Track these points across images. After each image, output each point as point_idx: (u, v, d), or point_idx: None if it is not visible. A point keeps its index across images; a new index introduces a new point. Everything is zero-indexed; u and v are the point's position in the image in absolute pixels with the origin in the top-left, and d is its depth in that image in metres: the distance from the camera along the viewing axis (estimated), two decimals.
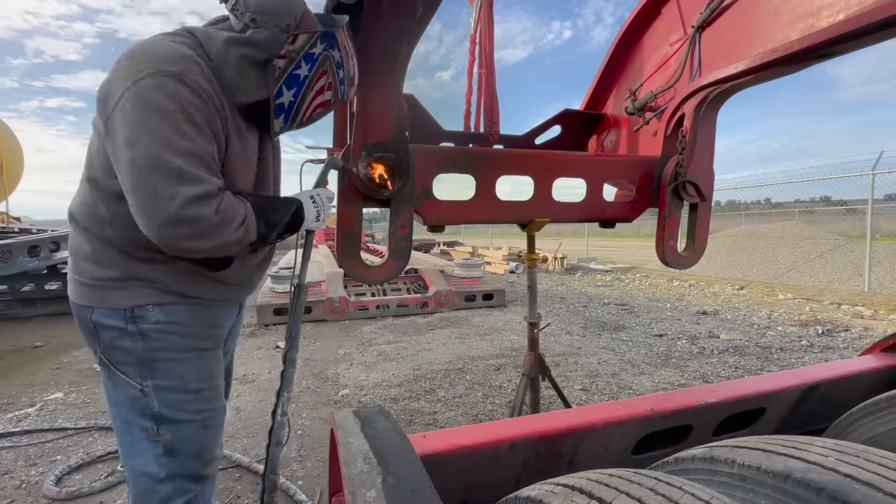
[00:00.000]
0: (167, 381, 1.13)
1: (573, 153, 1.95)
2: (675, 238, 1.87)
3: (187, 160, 0.97)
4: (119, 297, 1.10)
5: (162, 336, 1.12)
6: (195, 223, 0.98)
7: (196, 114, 1.00)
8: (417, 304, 6.22)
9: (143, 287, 1.11)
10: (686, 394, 1.25)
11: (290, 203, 1.23)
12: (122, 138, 0.96)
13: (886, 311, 5.82)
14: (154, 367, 1.12)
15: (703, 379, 3.62)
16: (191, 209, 0.96)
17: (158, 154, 0.94)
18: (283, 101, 1.15)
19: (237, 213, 1.06)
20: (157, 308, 1.12)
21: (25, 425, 2.85)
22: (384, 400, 3.25)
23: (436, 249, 15.46)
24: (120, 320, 1.10)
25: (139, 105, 0.95)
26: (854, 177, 9.13)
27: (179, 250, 1.02)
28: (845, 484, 0.63)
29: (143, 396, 1.12)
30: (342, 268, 1.55)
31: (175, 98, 0.97)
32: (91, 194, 1.10)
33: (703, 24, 1.58)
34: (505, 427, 1.07)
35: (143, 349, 1.11)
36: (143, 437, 1.14)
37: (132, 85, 0.96)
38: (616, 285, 8.91)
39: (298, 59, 1.12)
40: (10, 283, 5.88)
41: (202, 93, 1.02)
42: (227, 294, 1.25)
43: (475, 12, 2.01)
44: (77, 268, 1.14)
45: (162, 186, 0.95)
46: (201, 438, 1.20)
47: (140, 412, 1.13)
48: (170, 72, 0.98)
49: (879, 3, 1.05)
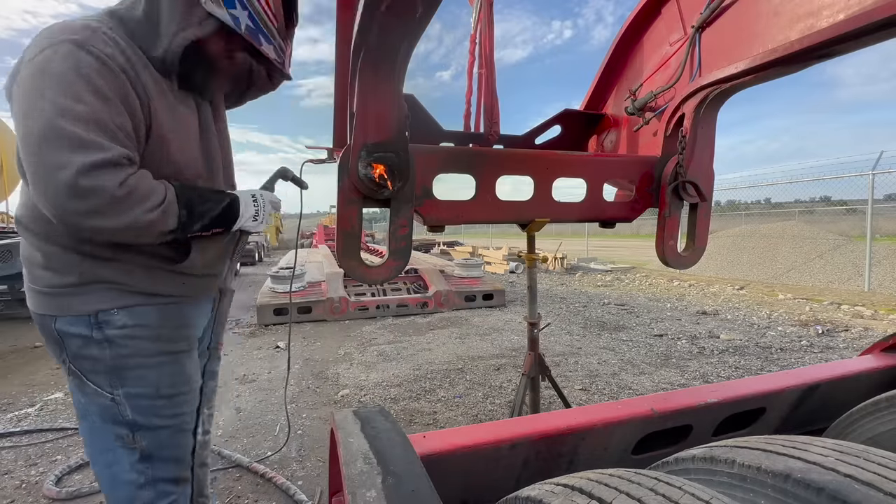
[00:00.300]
0: (139, 388, 1.09)
1: (573, 153, 1.95)
2: (675, 238, 1.87)
3: (85, 126, 0.89)
4: (81, 302, 1.05)
5: (129, 342, 1.07)
6: (94, 194, 0.88)
7: (100, 81, 0.92)
8: (417, 304, 6.22)
9: (106, 290, 1.06)
10: (686, 394, 1.25)
11: (223, 196, 1.13)
12: (18, 111, 0.90)
13: (886, 311, 5.82)
14: (124, 375, 1.08)
15: (703, 379, 3.62)
16: (88, 178, 0.87)
17: (51, 120, 0.87)
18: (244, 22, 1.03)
19: (153, 191, 0.97)
20: (122, 311, 1.07)
21: (25, 425, 2.85)
22: (384, 400, 3.25)
23: (436, 249, 15.46)
24: (84, 327, 1.05)
25: (36, 75, 0.89)
26: (854, 177, 9.13)
27: (85, 230, 0.93)
28: (845, 484, 0.63)
29: (114, 405, 1.08)
30: (342, 268, 1.55)
31: (75, 65, 0.90)
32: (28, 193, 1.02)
33: (703, 24, 1.58)
34: (505, 427, 1.07)
35: (111, 357, 1.06)
36: (118, 444, 1.11)
37: (33, 57, 0.91)
38: (616, 285, 8.91)
39: None
40: (10, 283, 5.88)
41: (108, 61, 0.95)
42: (193, 288, 1.19)
43: (475, 12, 2.01)
44: (32, 276, 1.08)
45: (54, 155, 0.86)
46: (179, 442, 1.17)
47: (113, 420, 1.09)
48: (71, 39, 0.92)
49: (879, 3, 1.05)
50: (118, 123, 0.95)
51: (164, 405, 1.13)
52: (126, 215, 0.93)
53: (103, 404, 1.08)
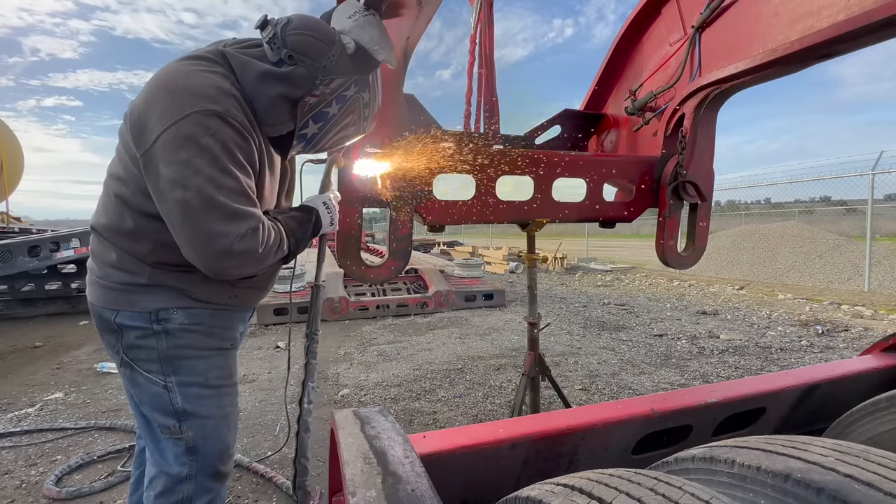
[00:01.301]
0: (190, 377, 1.17)
1: (573, 153, 1.95)
2: (675, 238, 1.87)
3: (236, 198, 1.01)
4: (144, 300, 1.13)
5: (185, 335, 1.15)
6: (245, 256, 1.04)
7: (237, 151, 1.03)
8: (417, 304, 6.22)
9: (168, 291, 1.14)
10: (686, 394, 1.25)
11: (310, 214, 1.28)
12: (169, 177, 0.98)
13: (886, 311, 5.82)
14: (177, 364, 1.15)
15: (703, 379, 3.62)
16: (242, 244, 1.02)
17: (210, 195, 0.98)
18: (308, 132, 1.18)
19: (277, 238, 1.13)
20: (180, 311, 1.15)
21: (25, 425, 2.85)
22: (384, 400, 3.25)
23: (436, 249, 15.45)
24: (145, 321, 1.13)
25: (185, 145, 0.97)
26: (854, 177, 9.13)
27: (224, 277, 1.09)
28: (845, 484, 0.63)
29: (165, 392, 1.15)
30: (342, 268, 1.55)
31: (219, 137, 0.99)
32: (118, 210, 1.11)
33: (703, 24, 1.58)
34: (505, 427, 1.07)
35: (167, 346, 1.14)
36: (164, 435, 1.18)
37: (175, 123, 0.97)
38: (616, 285, 8.91)
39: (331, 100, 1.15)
40: (10, 283, 5.88)
41: (243, 130, 1.04)
42: (241, 300, 1.28)
43: (475, 12, 2.01)
44: (102, 272, 1.16)
45: (215, 226, 0.99)
46: (223, 435, 1.23)
47: (162, 410, 1.16)
48: (213, 111, 0.99)
49: (879, 3, 1.05)
50: (251, 186, 1.07)
51: (212, 395, 1.20)
52: (262, 264, 1.11)
53: (155, 392, 1.15)
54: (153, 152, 0.99)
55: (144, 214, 1.08)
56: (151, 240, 1.10)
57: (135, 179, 1.06)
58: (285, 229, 1.17)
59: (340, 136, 1.24)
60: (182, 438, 1.17)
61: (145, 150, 1.00)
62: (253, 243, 1.04)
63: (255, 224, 1.05)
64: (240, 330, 1.36)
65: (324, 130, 1.19)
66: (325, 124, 1.18)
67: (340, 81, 1.13)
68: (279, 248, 1.14)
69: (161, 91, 1.01)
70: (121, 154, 1.10)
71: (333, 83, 1.13)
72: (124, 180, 1.09)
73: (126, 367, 1.17)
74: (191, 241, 1.01)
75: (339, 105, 1.16)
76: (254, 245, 1.05)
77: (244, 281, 1.24)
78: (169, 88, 1.01)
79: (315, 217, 1.28)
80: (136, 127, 1.02)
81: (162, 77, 1.04)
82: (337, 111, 1.17)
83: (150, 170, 1.01)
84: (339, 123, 1.20)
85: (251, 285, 1.28)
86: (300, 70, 1.08)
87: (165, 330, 1.14)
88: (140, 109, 1.02)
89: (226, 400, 1.24)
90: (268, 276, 1.33)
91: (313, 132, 1.18)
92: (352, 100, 1.18)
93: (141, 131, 1.01)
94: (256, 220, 1.05)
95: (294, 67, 1.08)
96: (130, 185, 1.08)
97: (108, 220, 1.14)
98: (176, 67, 1.06)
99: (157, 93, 1.01)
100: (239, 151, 1.03)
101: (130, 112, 1.04)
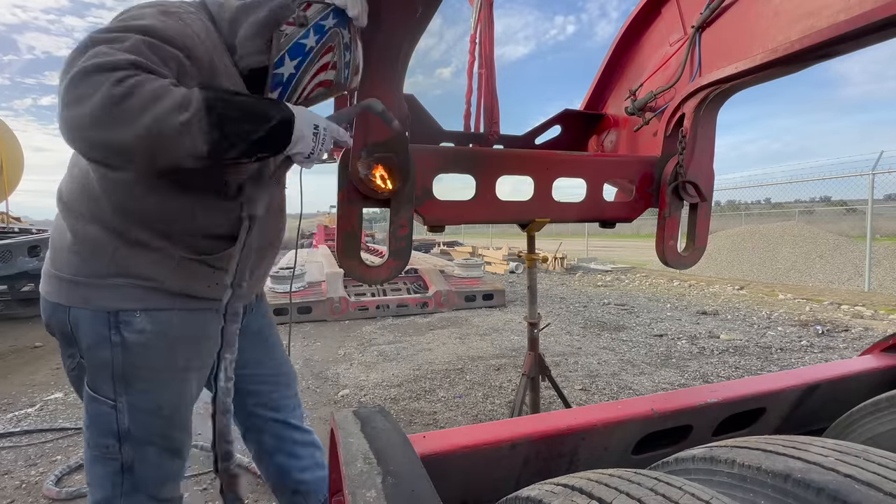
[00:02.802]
0: (143, 402, 1.05)
1: (573, 153, 1.95)
2: (675, 238, 1.87)
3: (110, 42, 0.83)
4: (104, 297, 1.01)
5: (144, 352, 1.04)
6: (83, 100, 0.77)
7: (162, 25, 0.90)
8: (417, 304, 6.22)
9: (131, 287, 1.01)
10: (686, 394, 1.25)
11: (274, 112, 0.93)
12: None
13: (886, 311, 5.82)
14: (131, 384, 1.04)
15: (703, 379, 3.62)
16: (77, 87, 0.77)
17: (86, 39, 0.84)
18: (283, 71, 1.06)
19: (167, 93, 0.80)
20: (144, 314, 1.03)
21: (25, 425, 2.85)
22: (384, 400, 3.25)
23: (436, 249, 15.46)
24: (103, 325, 1.01)
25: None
26: (854, 177, 9.13)
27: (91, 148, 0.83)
28: (845, 484, 0.63)
29: (113, 412, 1.03)
30: (342, 268, 1.55)
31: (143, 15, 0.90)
32: (81, 169, 1.00)
33: (703, 24, 1.58)
34: (505, 427, 1.07)
35: (123, 363, 1.02)
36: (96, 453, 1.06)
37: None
38: (616, 285, 8.91)
39: (308, 28, 1.05)
40: (10, 283, 5.88)
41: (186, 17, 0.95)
42: (222, 289, 1.09)
43: (475, 12, 2.01)
44: (57, 261, 1.04)
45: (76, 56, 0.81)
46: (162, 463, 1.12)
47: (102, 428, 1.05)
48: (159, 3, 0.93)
49: (879, 2, 1.05)
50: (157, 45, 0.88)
51: (161, 425, 1.09)
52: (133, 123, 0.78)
53: (99, 410, 1.04)
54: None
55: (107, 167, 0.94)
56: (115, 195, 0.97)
57: None
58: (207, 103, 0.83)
59: (319, 78, 1.11)
60: (116, 460, 1.05)
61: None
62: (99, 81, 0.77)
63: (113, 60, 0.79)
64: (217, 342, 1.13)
65: (300, 68, 1.07)
66: (302, 60, 1.06)
67: (319, 8, 1.05)
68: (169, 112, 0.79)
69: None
70: None
71: (311, 8, 1.04)
72: None
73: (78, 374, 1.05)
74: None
75: (318, 37, 1.06)
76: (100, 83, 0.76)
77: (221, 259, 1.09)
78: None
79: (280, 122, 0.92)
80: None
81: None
82: (315, 43, 1.06)
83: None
84: (316, 61, 1.08)
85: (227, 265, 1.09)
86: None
87: (123, 342, 1.01)
88: None
89: (176, 431, 1.12)
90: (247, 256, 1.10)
91: (289, 71, 1.06)
92: (330, 33, 1.07)
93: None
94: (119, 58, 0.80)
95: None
96: None
97: (69, 183, 1.02)
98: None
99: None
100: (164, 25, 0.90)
101: None
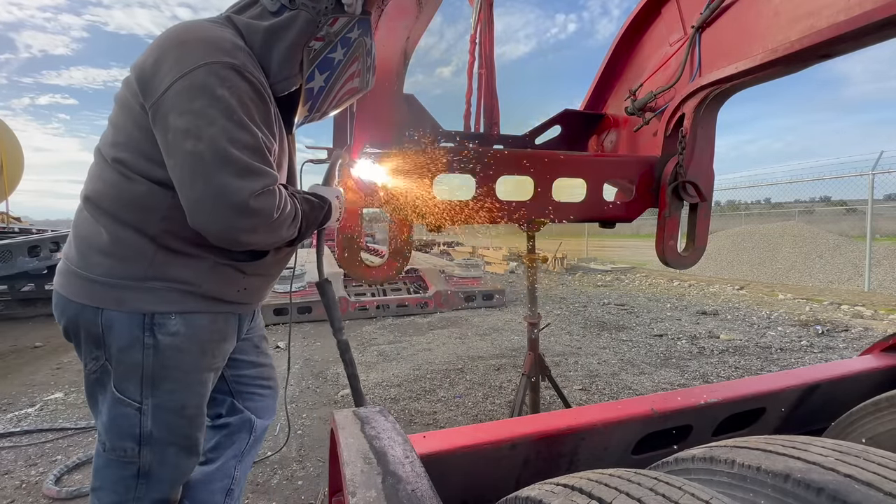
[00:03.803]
0: (169, 403, 1.07)
1: (573, 153, 1.95)
2: (675, 238, 1.87)
3: (251, 154, 0.94)
4: (139, 299, 1.01)
5: (175, 354, 1.05)
6: (258, 216, 0.95)
7: (253, 108, 0.97)
8: (417, 304, 6.22)
9: (167, 290, 1.02)
10: (686, 394, 1.25)
11: (325, 201, 1.21)
12: (180, 127, 0.90)
13: (886, 311, 5.81)
14: (159, 386, 1.05)
15: (703, 379, 3.62)
16: (257, 202, 0.93)
17: (224, 147, 0.90)
18: (314, 85, 1.12)
19: (292, 210, 1.05)
20: (179, 317, 1.04)
21: (25, 425, 2.85)
22: (384, 400, 3.25)
23: (436, 249, 15.45)
24: (137, 327, 1.01)
25: (199, 94, 0.90)
26: (854, 177, 9.13)
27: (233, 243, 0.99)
28: (845, 484, 0.63)
29: (137, 414, 1.04)
30: (342, 268, 1.55)
31: (235, 90, 0.93)
32: (118, 177, 1.00)
33: (703, 24, 1.58)
34: (505, 427, 1.07)
35: (153, 364, 1.03)
36: (112, 457, 1.06)
37: (189, 71, 0.91)
38: (616, 285, 8.91)
39: (335, 43, 1.09)
40: (10, 283, 5.88)
41: (261, 89, 0.99)
42: (252, 292, 1.20)
43: (475, 12, 2.01)
44: (85, 262, 1.01)
45: (228, 180, 0.91)
46: (180, 463, 1.14)
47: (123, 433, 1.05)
48: (229, 63, 0.94)
49: (879, 2, 1.05)
50: (269, 148, 1.00)
51: (184, 425, 1.11)
52: (274, 233, 1.01)
53: (123, 413, 1.04)
54: (164, 101, 0.91)
55: (150, 180, 0.98)
56: (163, 208, 0.99)
57: (137, 144, 0.98)
58: (300, 206, 1.10)
59: (345, 89, 1.18)
60: (135, 463, 1.06)
61: (155, 100, 0.92)
62: (269, 203, 0.96)
63: (271, 183, 0.97)
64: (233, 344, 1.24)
65: (330, 82, 1.14)
66: (332, 73, 1.13)
67: (344, 21, 1.09)
68: (293, 223, 1.06)
69: (173, 42, 0.95)
70: (119, 120, 1.01)
71: (337, 23, 1.08)
72: (124, 144, 0.99)
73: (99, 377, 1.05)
74: (200, 199, 0.91)
75: (345, 49, 1.12)
76: (269, 205, 0.96)
77: (254, 266, 1.14)
78: (182, 40, 0.95)
79: (328, 207, 1.22)
80: (143, 78, 0.94)
81: (172, 31, 0.98)
82: (342, 56, 1.12)
83: (158, 121, 0.93)
84: (344, 72, 1.14)
85: (261, 271, 1.18)
86: (303, 14, 1.04)
87: (156, 344, 1.02)
88: (149, 61, 0.95)
89: (196, 433, 1.15)
90: (276, 261, 1.23)
91: (319, 85, 1.13)
92: (356, 43, 1.13)
93: (149, 81, 0.93)
94: (273, 179, 0.97)
95: (296, 12, 1.04)
96: (132, 149, 0.99)
97: (106, 187, 1.01)
98: (186, 23, 1.01)
99: (168, 44, 0.95)
100: (255, 108, 0.97)
101: (136, 67, 0.97)
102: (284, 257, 1.27)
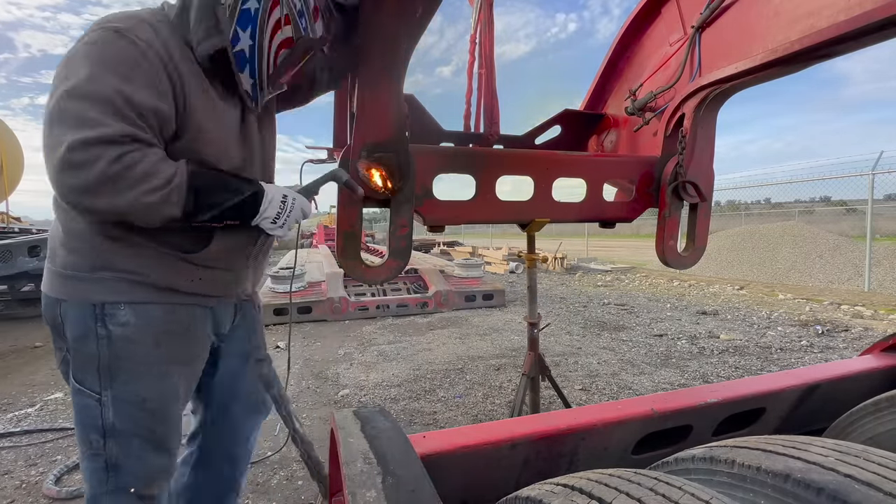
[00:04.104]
0: (126, 395, 1.06)
1: (573, 153, 1.95)
2: (675, 238, 1.87)
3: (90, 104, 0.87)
4: (89, 289, 1.02)
5: (127, 346, 1.05)
6: (83, 170, 0.85)
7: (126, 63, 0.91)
8: (417, 304, 6.22)
9: (116, 281, 1.02)
10: (686, 394, 1.25)
11: (246, 186, 1.06)
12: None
13: (886, 311, 5.81)
14: (115, 377, 1.05)
15: (703, 379, 3.62)
16: (76, 154, 0.85)
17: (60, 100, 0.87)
18: (242, 46, 1.02)
19: (157, 173, 0.92)
20: (128, 307, 1.04)
21: (25, 425, 2.85)
22: (384, 400, 3.25)
23: (436, 249, 15.46)
24: (89, 318, 1.02)
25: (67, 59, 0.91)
26: (854, 177, 9.13)
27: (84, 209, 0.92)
28: (845, 484, 0.63)
29: (97, 406, 1.05)
30: (342, 268, 1.55)
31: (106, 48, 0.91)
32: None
33: (703, 24, 1.58)
34: (505, 427, 1.07)
35: (108, 356, 1.04)
36: (83, 448, 1.08)
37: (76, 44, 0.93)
38: (616, 285, 8.91)
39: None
40: (10, 283, 5.88)
41: (141, 44, 0.93)
42: (208, 285, 1.14)
43: (475, 12, 2.01)
44: (52, 255, 1.07)
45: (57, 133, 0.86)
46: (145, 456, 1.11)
47: (87, 423, 1.06)
48: (114, 27, 0.93)
49: (879, 3, 1.05)
50: (135, 102, 0.91)
51: (146, 418, 1.09)
52: (122, 196, 0.89)
53: (85, 404, 1.06)
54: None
55: None
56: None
57: None
58: (190, 179, 0.97)
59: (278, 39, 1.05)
60: (102, 455, 1.06)
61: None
62: (95, 155, 0.85)
63: (107, 134, 0.86)
64: (207, 339, 1.20)
65: (256, 38, 1.01)
66: (254, 27, 1.00)
67: None
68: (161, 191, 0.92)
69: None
70: None
71: None
72: None
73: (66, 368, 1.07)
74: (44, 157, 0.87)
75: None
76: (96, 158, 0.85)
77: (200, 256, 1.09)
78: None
79: (251, 196, 1.06)
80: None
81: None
82: (257, 3, 1.00)
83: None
84: (267, 22, 1.01)
85: (213, 263, 1.12)
86: None
87: (109, 335, 1.02)
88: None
89: (160, 427, 1.11)
90: (225, 250, 1.14)
91: (247, 43, 1.01)
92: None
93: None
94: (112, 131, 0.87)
95: None
96: None
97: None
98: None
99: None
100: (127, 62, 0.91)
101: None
102: (235, 248, 1.17)
